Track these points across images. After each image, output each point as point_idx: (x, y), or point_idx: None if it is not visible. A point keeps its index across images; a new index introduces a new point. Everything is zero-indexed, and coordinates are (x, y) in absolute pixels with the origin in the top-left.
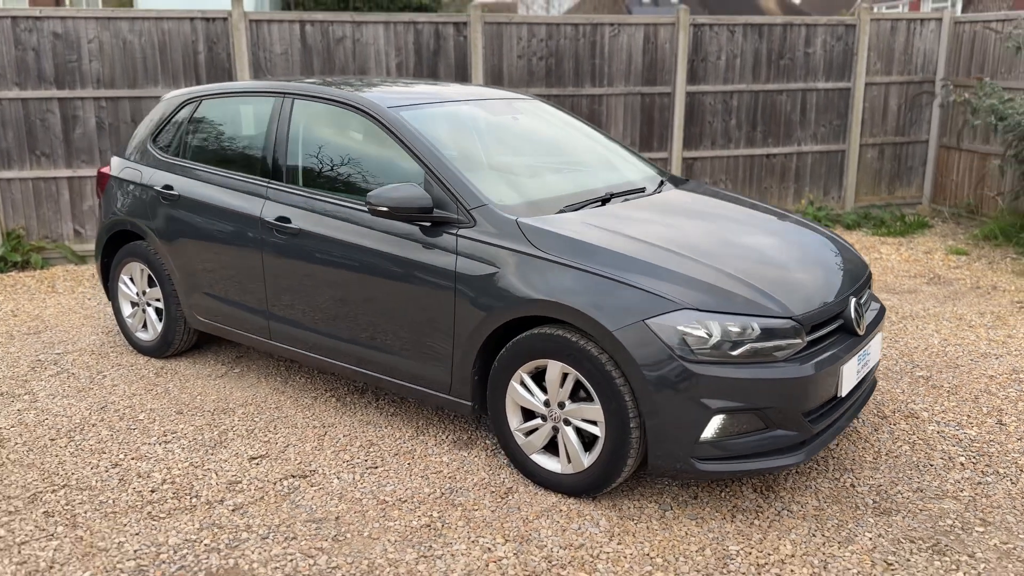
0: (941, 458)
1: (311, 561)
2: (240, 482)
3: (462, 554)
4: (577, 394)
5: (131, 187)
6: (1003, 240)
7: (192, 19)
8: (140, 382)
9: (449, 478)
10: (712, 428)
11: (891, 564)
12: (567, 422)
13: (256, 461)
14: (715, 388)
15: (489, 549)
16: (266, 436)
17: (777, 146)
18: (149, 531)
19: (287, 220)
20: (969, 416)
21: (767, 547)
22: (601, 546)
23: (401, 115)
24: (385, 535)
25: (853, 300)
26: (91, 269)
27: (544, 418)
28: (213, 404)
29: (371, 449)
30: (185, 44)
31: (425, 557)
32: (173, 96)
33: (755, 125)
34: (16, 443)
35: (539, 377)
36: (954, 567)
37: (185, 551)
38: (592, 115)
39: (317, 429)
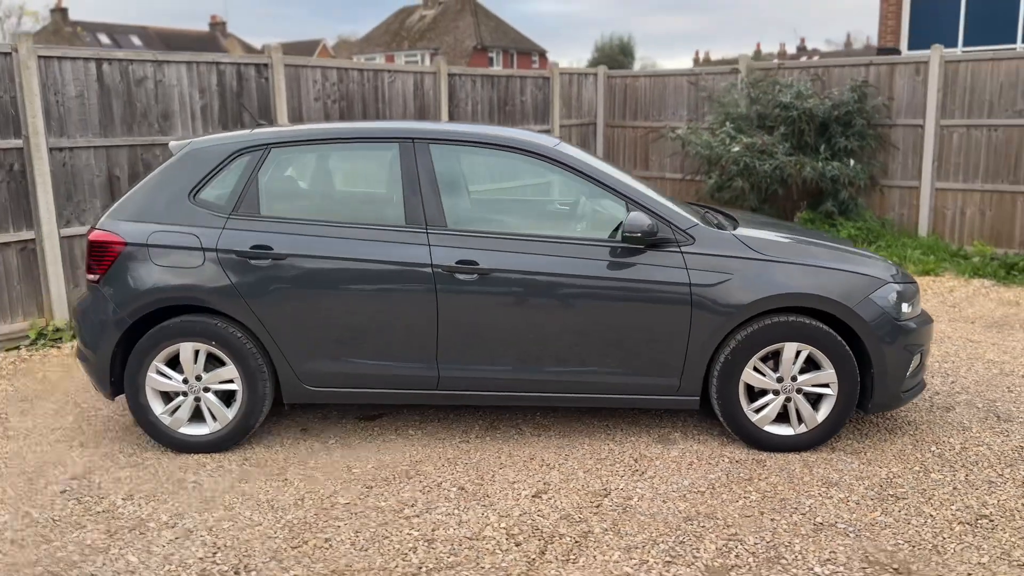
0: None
1: (771, 534)
2: (571, 515)
3: (821, 506)
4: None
5: (181, 253)
6: None
7: None
8: (255, 480)
9: (708, 465)
10: (911, 368)
11: None
12: (798, 391)
13: (542, 497)
14: (912, 337)
15: (830, 496)
16: (502, 477)
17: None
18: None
19: (472, 263)
20: None
21: (970, 450)
22: (878, 473)
23: (570, 153)
24: (757, 513)
25: None
26: None
27: (776, 392)
28: (387, 473)
29: (609, 463)
30: None
31: (812, 520)
32: (207, 145)
33: None
34: (310, 565)
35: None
36: None
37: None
38: None
39: (528, 461)
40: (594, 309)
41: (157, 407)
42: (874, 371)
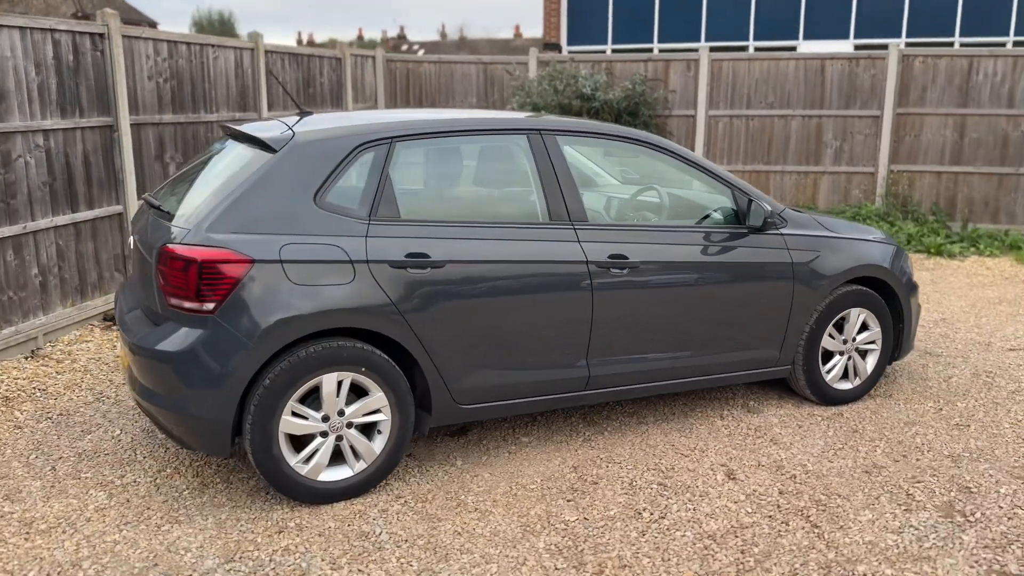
0: None
1: (934, 471)
2: (785, 489)
3: (933, 442)
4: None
5: (326, 268)
6: None
7: None
8: (448, 517)
9: (813, 425)
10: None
11: None
12: (856, 350)
13: (737, 478)
14: (917, 293)
15: (924, 433)
16: (676, 467)
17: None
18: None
19: (623, 257)
20: None
21: (951, 382)
22: (926, 409)
23: (677, 146)
24: (901, 457)
25: None
26: None
27: (841, 353)
28: (562, 483)
29: (739, 439)
30: None
31: (943, 455)
32: (320, 138)
33: None
34: None
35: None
36: None
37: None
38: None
39: (670, 448)
40: (726, 293)
41: (291, 457)
42: (903, 325)
